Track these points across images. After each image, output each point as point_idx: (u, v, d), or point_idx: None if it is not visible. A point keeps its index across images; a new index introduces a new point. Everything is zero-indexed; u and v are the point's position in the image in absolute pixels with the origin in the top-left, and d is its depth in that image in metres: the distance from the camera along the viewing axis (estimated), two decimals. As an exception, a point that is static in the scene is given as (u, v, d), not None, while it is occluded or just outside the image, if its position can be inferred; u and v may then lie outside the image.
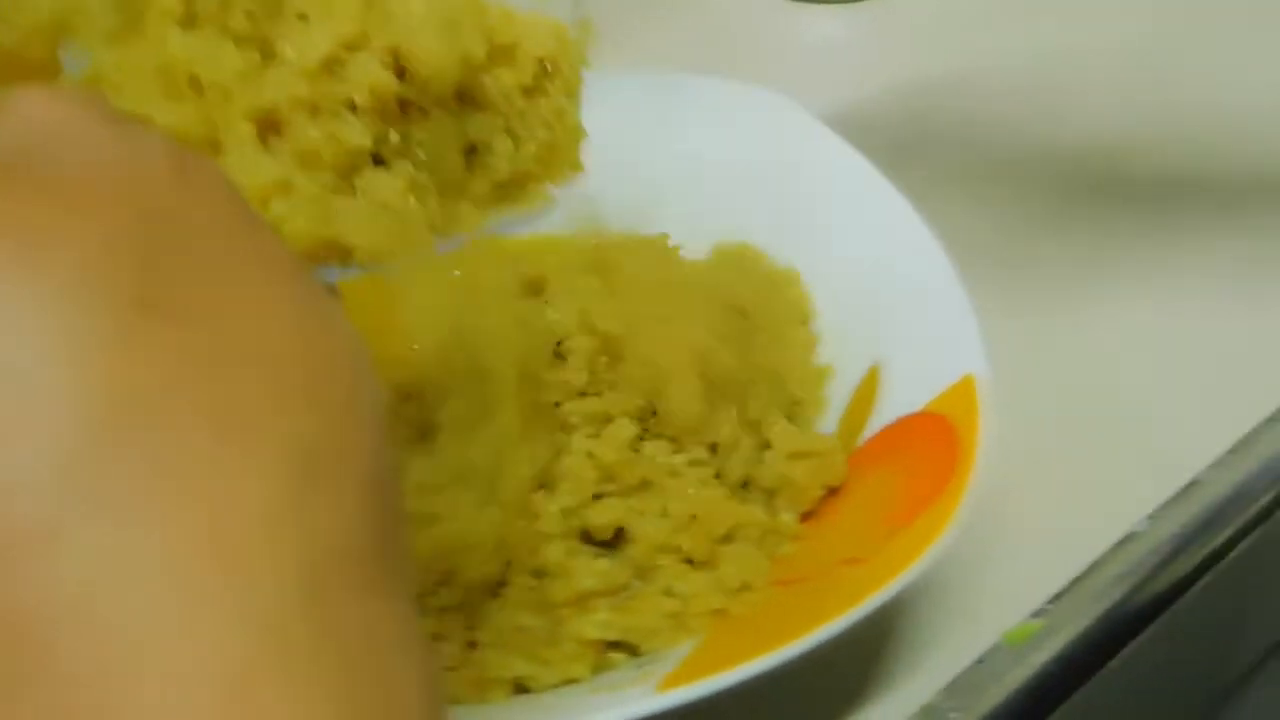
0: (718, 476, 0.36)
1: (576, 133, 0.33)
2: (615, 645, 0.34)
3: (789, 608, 0.32)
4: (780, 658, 0.29)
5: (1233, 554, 0.42)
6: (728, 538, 0.35)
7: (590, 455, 0.35)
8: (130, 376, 0.16)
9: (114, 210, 0.17)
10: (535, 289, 0.41)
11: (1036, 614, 0.39)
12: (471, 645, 0.34)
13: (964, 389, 0.35)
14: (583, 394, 0.38)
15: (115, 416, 0.16)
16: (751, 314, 0.41)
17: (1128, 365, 0.46)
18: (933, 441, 0.35)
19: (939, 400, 0.36)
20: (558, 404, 0.37)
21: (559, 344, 0.38)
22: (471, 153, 0.31)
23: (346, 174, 0.28)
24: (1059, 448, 0.43)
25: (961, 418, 0.35)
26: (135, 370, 0.16)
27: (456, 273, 0.46)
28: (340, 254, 0.28)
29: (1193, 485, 0.42)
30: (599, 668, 0.34)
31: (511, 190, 0.32)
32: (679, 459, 0.36)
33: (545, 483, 0.35)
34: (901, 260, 0.41)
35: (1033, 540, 0.40)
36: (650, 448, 0.36)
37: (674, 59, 0.61)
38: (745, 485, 0.37)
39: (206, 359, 0.17)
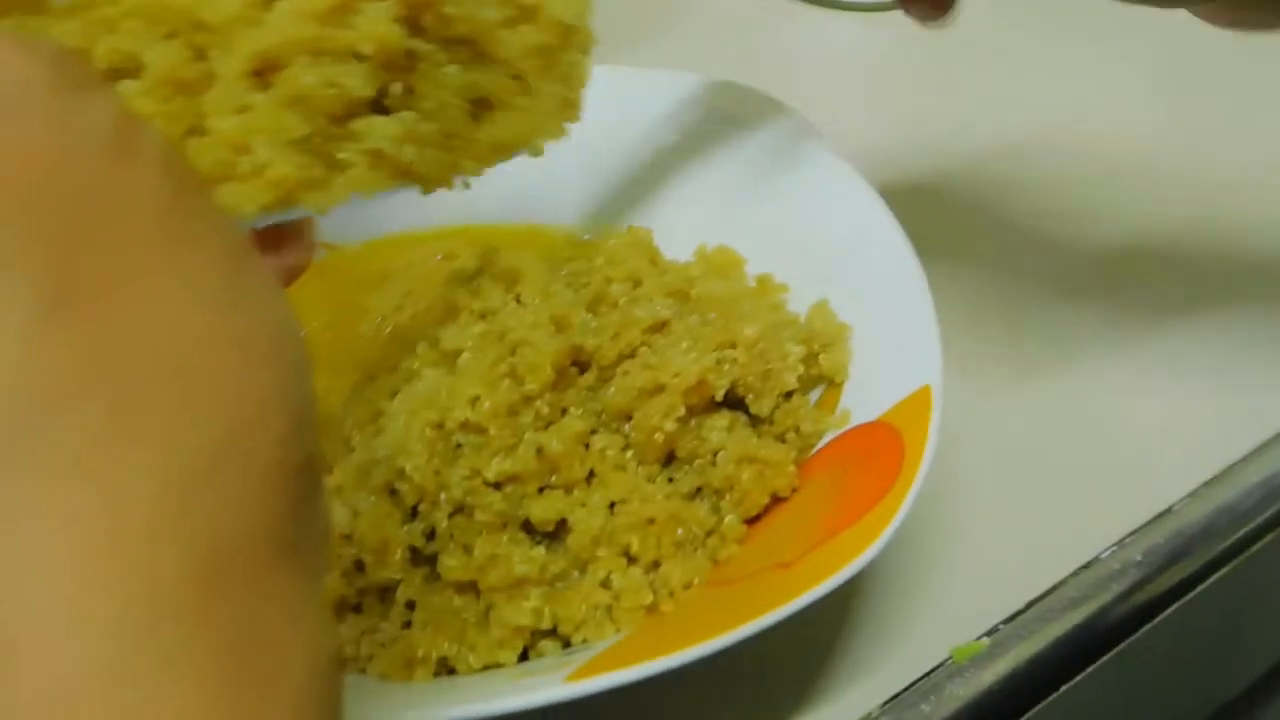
0: (671, 480, 0.36)
1: (584, 86, 0.32)
2: (547, 634, 0.34)
3: (715, 608, 0.32)
4: (689, 656, 0.29)
5: (1200, 587, 0.42)
6: (671, 536, 0.35)
7: (540, 449, 0.35)
8: (36, 372, 0.17)
9: (37, 191, 0.18)
10: (510, 282, 0.40)
11: (988, 633, 0.38)
12: (406, 625, 0.34)
13: (918, 400, 0.35)
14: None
15: (17, 412, 0.17)
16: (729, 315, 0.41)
17: (1108, 405, 0.45)
18: (880, 450, 0.35)
19: (893, 411, 0.36)
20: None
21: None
22: (479, 105, 0.30)
23: (342, 121, 0.27)
24: (1031, 475, 0.42)
25: (911, 428, 0.34)
26: (41, 366, 0.17)
27: (439, 256, 0.47)
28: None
29: (1163, 515, 0.42)
30: (535, 654, 0.34)
31: (513, 144, 0.31)
32: (629, 454, 0.36)
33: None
34: (873, 266, 0.40)
35: (996, 561, 0.40)
36: (601, 440, 0.36)
37: (687, 64, 0.60)
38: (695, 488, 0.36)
39: (115, 353, 0.17)
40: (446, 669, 0.33)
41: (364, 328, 0.44)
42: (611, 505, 0.35)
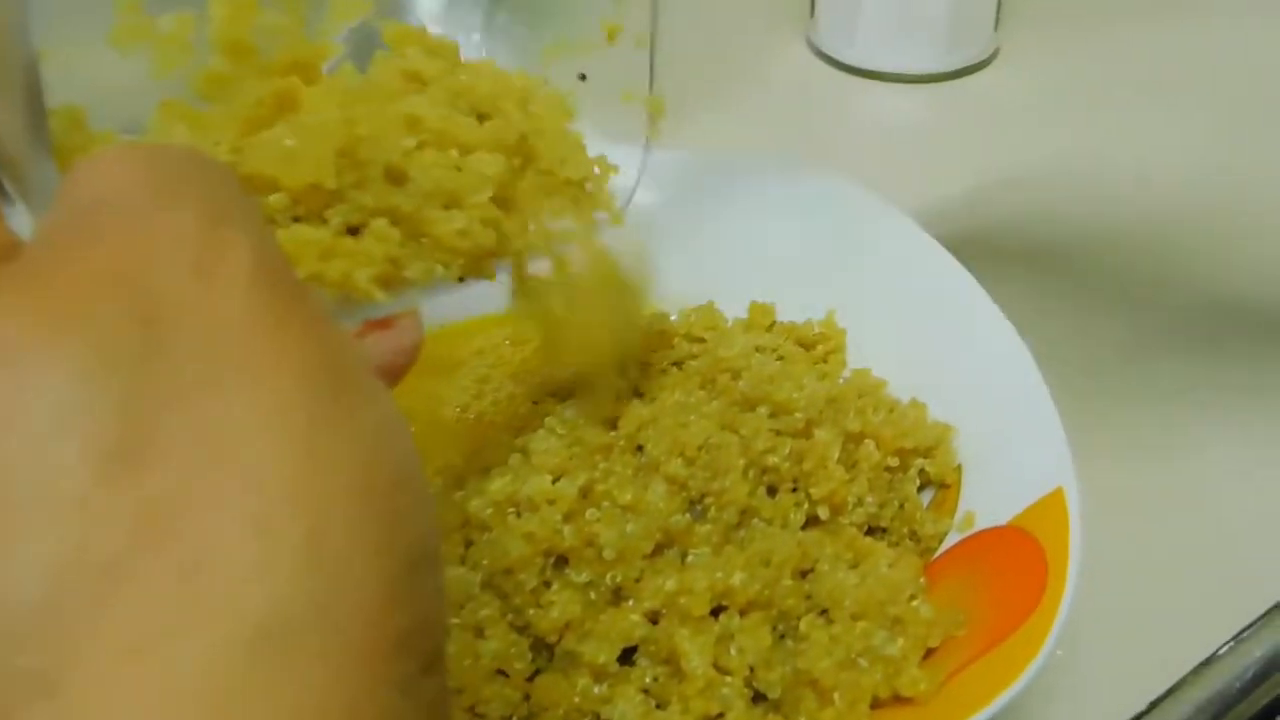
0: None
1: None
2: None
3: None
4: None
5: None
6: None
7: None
8: (95, 541, 0.15)
9: (106, 326, 0.16)
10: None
11: (1114, 735, 0.37)
12: None
13: (1053, 504, 0.34)
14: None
15: (75, 591, 0.15)
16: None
17: (1214, 491, 0.44)
18: (1018, 562, 0.33)
19: (1025, 515, 0.34)
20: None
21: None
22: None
23: None
24: (1138, 565, 0.41)
25: (1050, 537, 0.33)
26: (99, 530, 0.15)
27: (507, 341, 0.45)
28: None
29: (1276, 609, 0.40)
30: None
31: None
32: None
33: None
34: (981, 360, 0.39)
35: (1111, 661, 0.38)
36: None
37: (741, 137, 0.60)
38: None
39: (180, 506, 0.15)
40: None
41: (445, 416, 0.43)
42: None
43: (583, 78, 0.35)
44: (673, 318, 0.43)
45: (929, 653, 0.32)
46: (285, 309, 0.17)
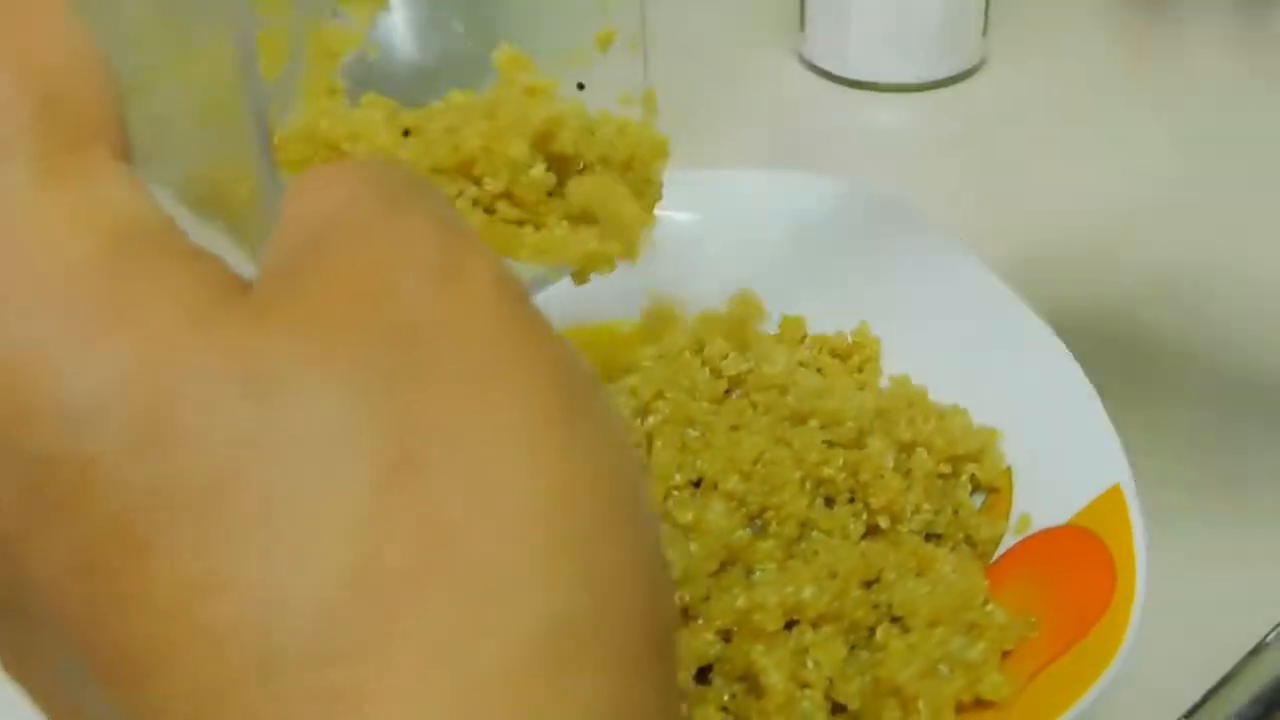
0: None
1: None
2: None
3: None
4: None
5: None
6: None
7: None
8: (376, 553, 0.15)
9: (363, 346, 0.16)
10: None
11: (1173, 729, 0.37)
12: None
13: (1112, 501, 0.34)
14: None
15: (372, 595, 0.15)
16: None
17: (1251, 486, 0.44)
18: (1082, 560, 0.33)
19: (1084, 513, 0.34)
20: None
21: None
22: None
23: None
24: (1184, 557, 0.41)
25: (1113, 534, 0.33)
26: (382, 544, 0.15)
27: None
28: None
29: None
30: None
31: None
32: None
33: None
34: (1023, 361, 0.39)
35: (1164, 651, 0.39)
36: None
37: (740, 152, 0.60)
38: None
39: (457, 522, 0.15)
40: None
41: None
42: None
43: (581, 86, 0.35)
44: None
45: (1004, 656, 0.32)
46: (528, 317, 0.17)
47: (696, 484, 0.37)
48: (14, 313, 0.16)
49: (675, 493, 0.35)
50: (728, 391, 0.41)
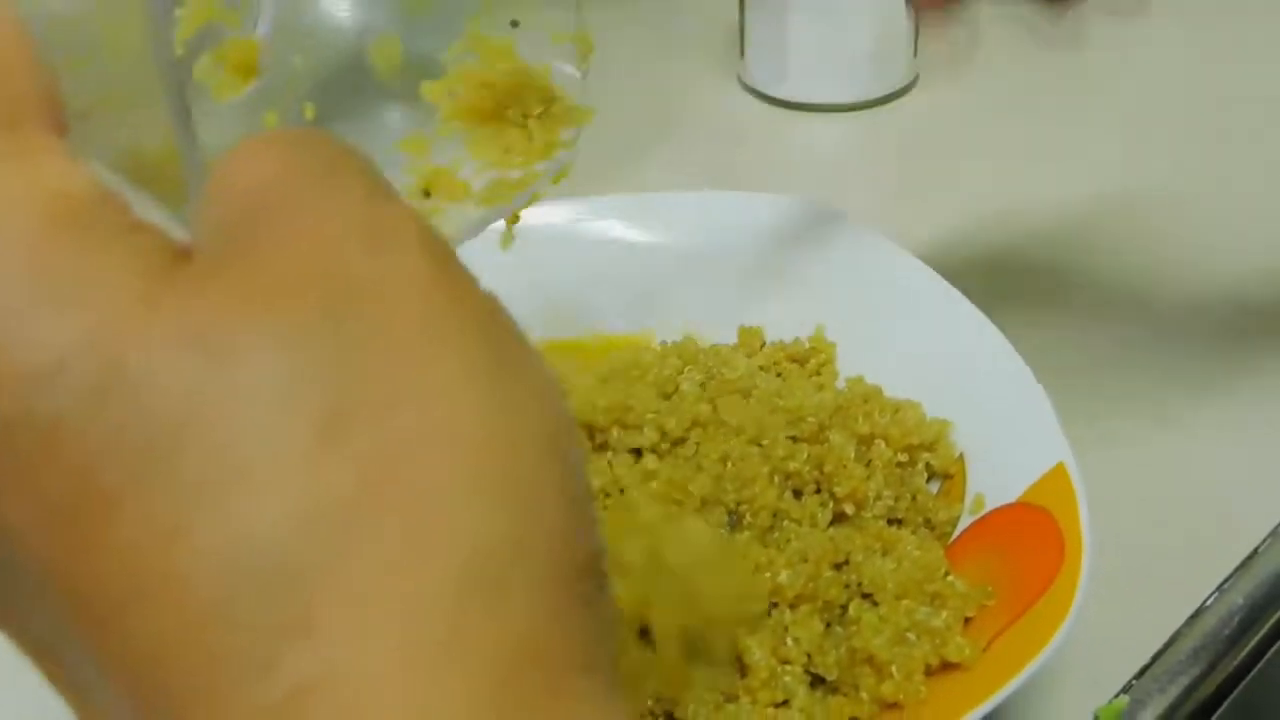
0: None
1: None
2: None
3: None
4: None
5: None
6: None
7: None
8: (323, 491, 0.17)
9: (302, 307, 0.17)
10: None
11: (1123, 690, 0.40)
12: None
13: (1057, 478, 0.37)
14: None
15: (318, 533, 0.16)
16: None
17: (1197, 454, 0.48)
18: (1032, 532, 0.36)
19: (1033, 490, 0.37)
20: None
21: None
22: None
23: None
24: (1125, 528, 0.44)
25: (1060, 507, 0.36)
26: (327, 483, 0.17)
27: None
28: None
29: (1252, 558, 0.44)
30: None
31: None
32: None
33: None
34: (969, 355, 0.42)
35: (1110, 619, 0.42)
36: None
37: (683, 174, 0.63)
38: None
39: (394, 457, 0.17)
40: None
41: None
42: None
43: (515, 24, 0.36)
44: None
45: (966, 623, 0.35)
46: (456, 274, 0.19)
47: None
48: None
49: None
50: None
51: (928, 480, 0.41)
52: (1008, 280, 0.55)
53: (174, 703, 0.16)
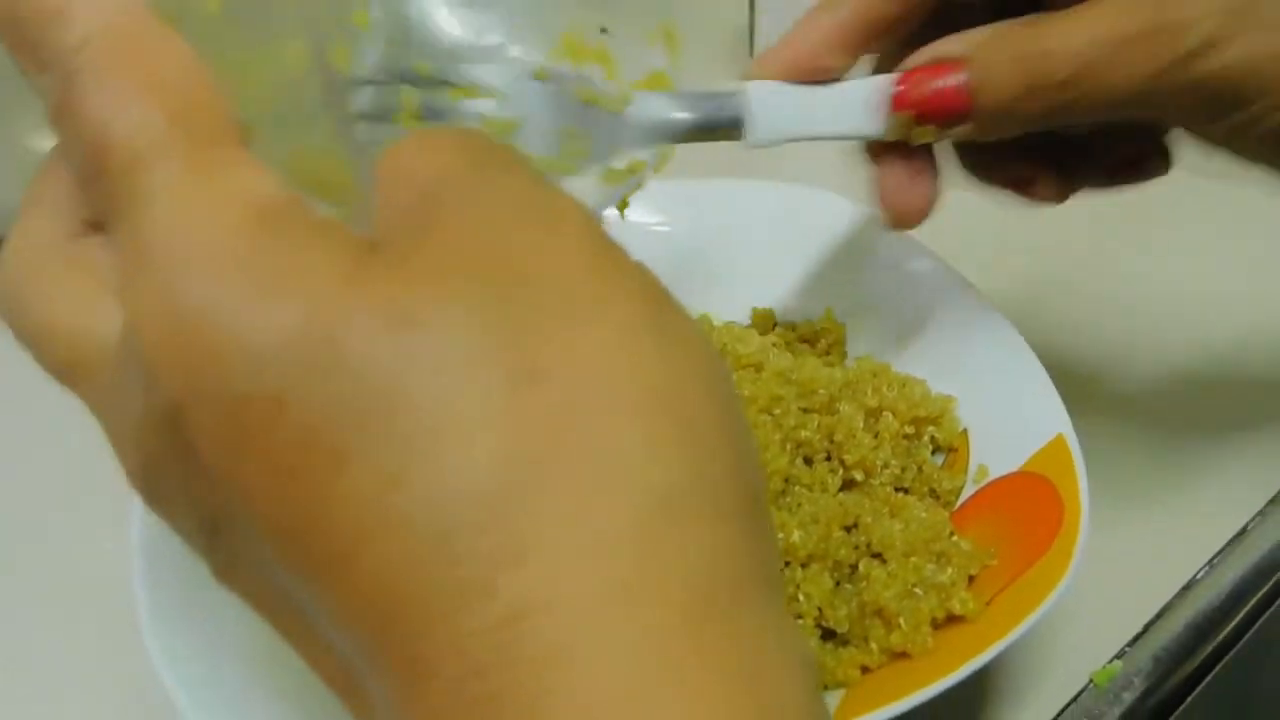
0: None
1: None
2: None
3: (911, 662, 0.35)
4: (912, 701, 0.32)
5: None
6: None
7: None
8: (520, 437, 0.19)
9: (487, 280, 0.20)
10: None
11: (1117, 656, 0.42)
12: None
13: (1057, 449, 0.39)
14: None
15: (517, 473, 0.19)
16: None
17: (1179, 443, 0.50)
18: (1033, 499, 0.38)
19: (1034, 460, 0.39)
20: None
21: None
22: None
23: None
24: (1121, 501, 0.46)
25: (1060, 475, 0.38)
26: (524, 430, 0.19)
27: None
28: None
29: (1240, 535, 0.46)
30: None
31: None
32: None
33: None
34: (971, 334, 0.44)
35: (1103, 586, 0.43)
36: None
37: (695, 166, 0.64)
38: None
39: (579, 406, 0.19)
40: None
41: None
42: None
43: (604, 30, 0.38)
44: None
45: (970, 581, 0.37)
46: (613, 249, 0.21)
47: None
48: (194, 279, 0.19)
49: None
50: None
51: (933, 454, 0.43)
52: (1010, 261, 0.57)
53: (405, 630, 0.18)
